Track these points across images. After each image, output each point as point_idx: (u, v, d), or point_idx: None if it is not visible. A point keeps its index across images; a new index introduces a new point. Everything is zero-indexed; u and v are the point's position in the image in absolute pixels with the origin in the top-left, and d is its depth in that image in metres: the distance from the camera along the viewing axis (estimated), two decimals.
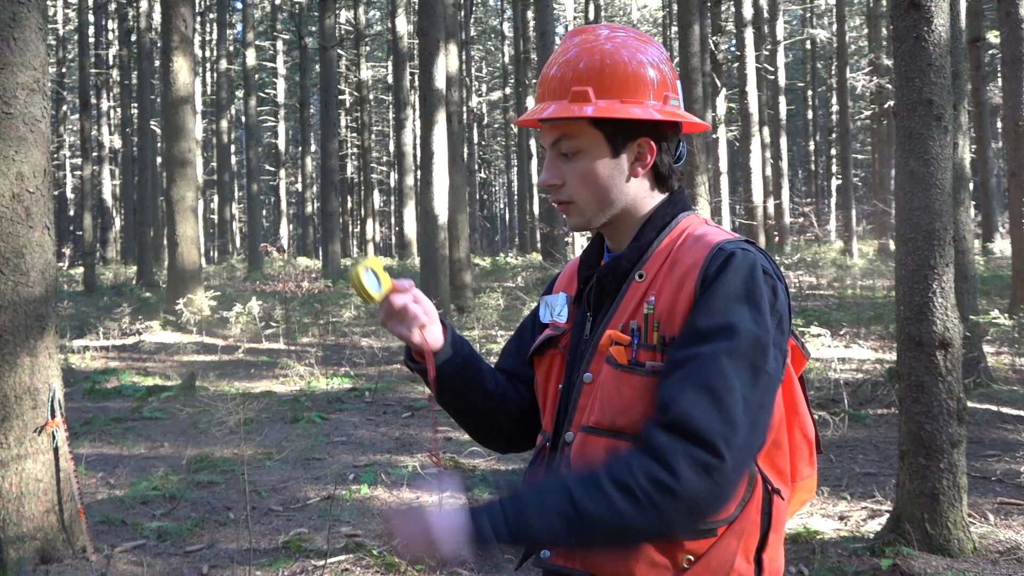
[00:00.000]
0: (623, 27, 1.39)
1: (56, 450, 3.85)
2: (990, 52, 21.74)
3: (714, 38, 19.58)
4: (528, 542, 1.17)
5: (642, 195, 1.36)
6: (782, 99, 25.37)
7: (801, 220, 24.83)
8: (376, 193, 39.84)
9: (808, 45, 33.98)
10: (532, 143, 28.15)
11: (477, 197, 38.02)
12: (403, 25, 22.44)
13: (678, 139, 1.38)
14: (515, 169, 39.52)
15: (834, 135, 31.97)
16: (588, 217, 1.35)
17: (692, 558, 1.22)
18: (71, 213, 42.61)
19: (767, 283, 1.22)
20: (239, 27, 36.80)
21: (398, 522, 1.21)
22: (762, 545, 1.27)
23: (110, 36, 34.36)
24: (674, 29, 31.79)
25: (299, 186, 37.65)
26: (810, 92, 34.24)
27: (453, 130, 15.00)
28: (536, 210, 26.75)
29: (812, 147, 36.32)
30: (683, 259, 1.27)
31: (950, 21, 4.38)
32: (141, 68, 23.63)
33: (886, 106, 23.56)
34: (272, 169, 38.70)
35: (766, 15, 24.52)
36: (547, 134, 1.35)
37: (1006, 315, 8.68)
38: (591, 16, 28.67)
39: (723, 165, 19.64)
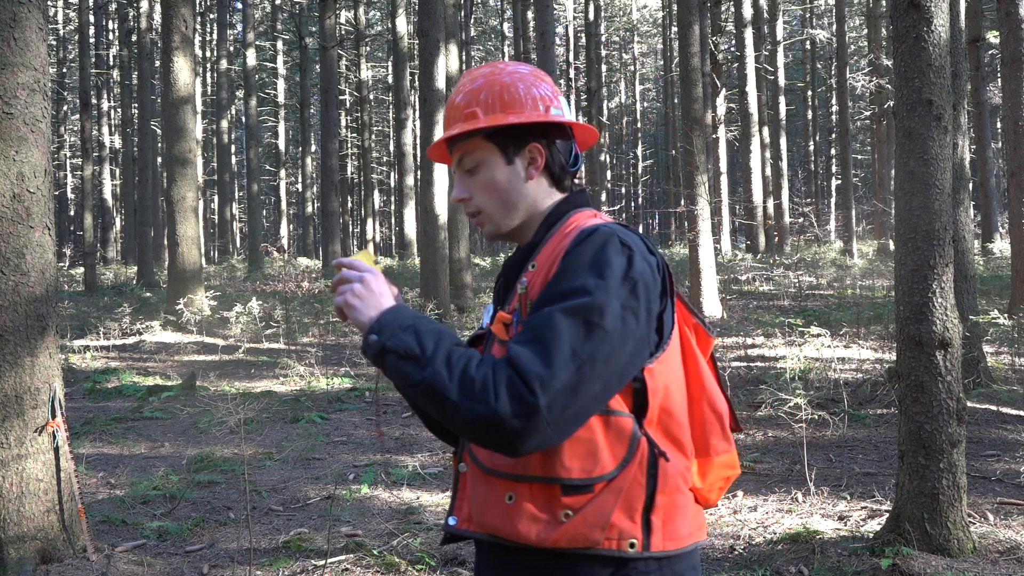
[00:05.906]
0: (513, 63, 1.55)
1: (56, 450, 3.86)
2: (990, 52, 21.73)
3: (714, 38, 19.60)
4: (396, 347, 1.28)
5: (542, 196, 1.50)
6: (782, 99, 25.37)
7: (801, 220, 24.81)
8: (376, 193, 39.83)
9: (808, 45, 34.00)
10: None
11: None
12: (403, 25, 22.43)
13: (571, 145, 1.52)
14: None
15: (834, 135, 31.97)
16: (497, 223, 1.50)
17: (570, 512, 1.32)
18: (71, 213, 42.62)
19: (622, 252, 1.33)
20: (239, 27, 36.82)
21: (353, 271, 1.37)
22: (649, 505, 1.34)
23: (110, 36, 34.37)
24: (674, 29, 31.78)
25: (299, 186, 37.66)
26: (810, 92, 34.25)
27: None
28: None
29: (812, 147, 36.33)
30: (561, 245, 1.40)
31: (950, 21, 4.38)
32: (141, 68, 23.62)
33: (886, 106, 23.56)
34: (272, 169, 38.70)
35: (766, 15, 24.52)
36: (453, 156, 1.52)
37: (1006, 315, 8.68)
38: (591, 16, 28.64)
39: (723, 165, 19.65)
